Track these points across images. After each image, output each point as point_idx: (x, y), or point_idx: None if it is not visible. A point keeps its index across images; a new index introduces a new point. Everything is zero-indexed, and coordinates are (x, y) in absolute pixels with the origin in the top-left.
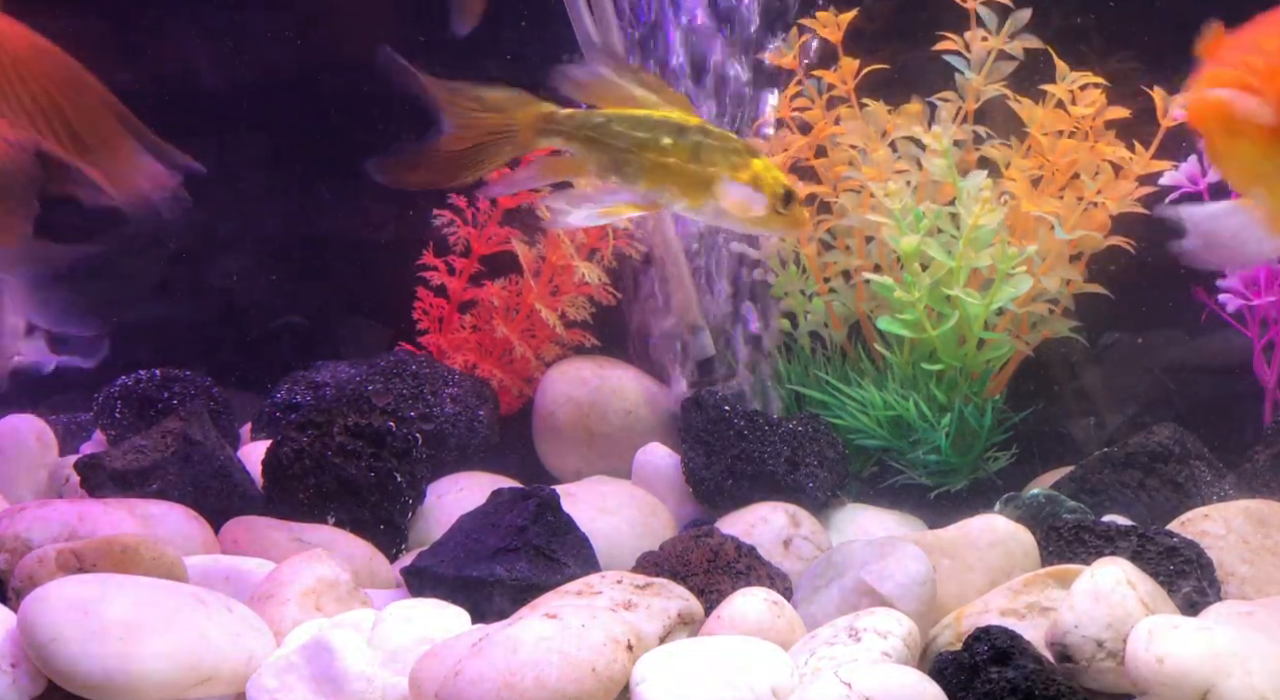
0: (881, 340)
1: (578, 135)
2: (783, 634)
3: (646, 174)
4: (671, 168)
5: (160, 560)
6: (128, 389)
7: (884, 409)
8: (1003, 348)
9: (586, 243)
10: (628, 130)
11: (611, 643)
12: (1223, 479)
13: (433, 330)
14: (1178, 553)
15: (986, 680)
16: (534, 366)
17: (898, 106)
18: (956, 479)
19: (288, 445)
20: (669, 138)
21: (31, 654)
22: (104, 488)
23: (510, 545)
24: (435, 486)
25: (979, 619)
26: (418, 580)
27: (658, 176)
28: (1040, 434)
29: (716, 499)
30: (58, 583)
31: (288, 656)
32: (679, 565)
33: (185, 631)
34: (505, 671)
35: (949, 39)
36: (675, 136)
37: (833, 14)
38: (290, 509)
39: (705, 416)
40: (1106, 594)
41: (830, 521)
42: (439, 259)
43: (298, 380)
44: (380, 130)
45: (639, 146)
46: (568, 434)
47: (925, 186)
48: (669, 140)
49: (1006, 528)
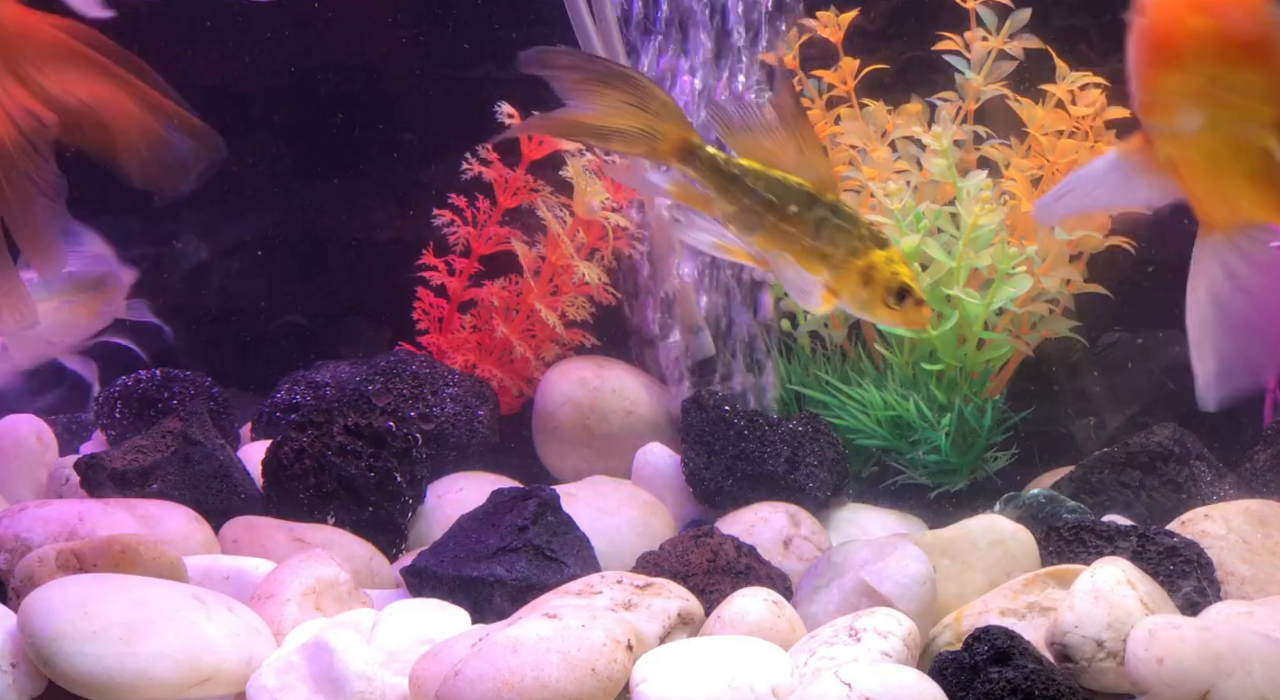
0: (881, 340)
1: (713, 177)
2: (783, 634)
3: (765, 234)
4: (790, 236)
5: (160, 560)
6: (128, 389)
7: (884, 409)
8: (1003, 348)
9: (586, 243)
10: (760, 188)
11: (611, 643)
12: (1223, 479)
13: (433, 330)
14: (1178, 553)
15: (986, 680)
16: (534, 366)
17: (898, 106)
18: (956, 479)
19: (288, 445)
20: (796, 207)
21: (31, 654)
22: (104, 488)
23: (510, 545)
24: (435, 486)
25: (979, 619)
26: (418, 580)
27: (775, 240)
28: (1040, 434)
29: (716, 499)
30: (58, 583)
31: (288, 656)
32: (679, 565)
33: (185, 631)
34: (505, 671)
35: (949, 39)
36: (803, 208)
37: (833, 14)
38: (290, 509)
39: (705, 416)
40: (1106, 594)
41: (830, 521)
42: (439, 259)
43: (298, 380)
44: (380, 130)
45: (765, 207)
46: (568, 434)
47: (925, 186)
48: (795, 209)
49: (1006, 528)
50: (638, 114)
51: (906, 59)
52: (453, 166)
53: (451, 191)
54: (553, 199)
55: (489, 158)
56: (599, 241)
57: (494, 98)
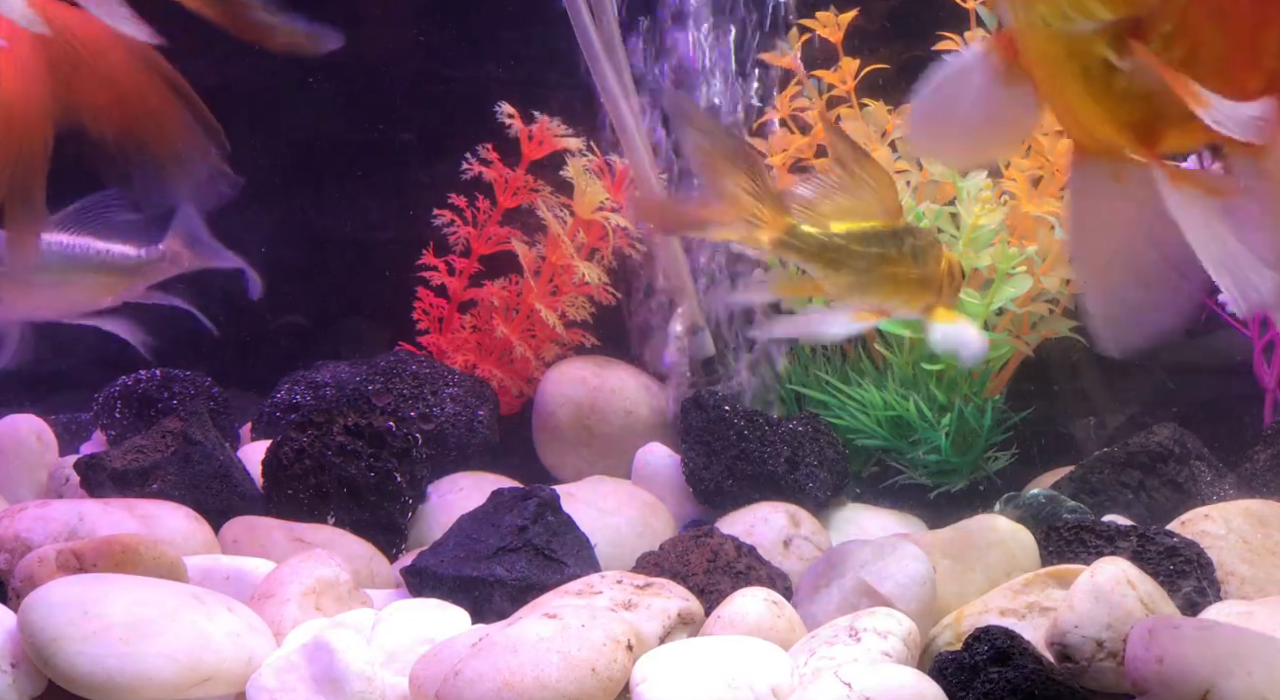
0: (881, 340)
1: (819, 256)
2: (783, 634)
3: (883, 287)
4: (900, 278)
5: (160, 560)
6: (128, 389)
7: (884, 409)
8: (1003, 348)
9: (586, 243)
10: (863, 247)
11: (611, 643)
12: (1223, 479)
13: (433, 330)
14: (1178, 553)
15: (986, 680)
16: (534, 366)
17: (898, 106)
18: (956, 479)
19: (288, 445)
20: (894, 248)
21: (31, 654)
22: (104, 488)
23: (510, 545)
24: (435, 486)
25: (979, 619)
26: (418, 580)
27: (888, 289)
28: (1040, 434)
29: (716, 499)
30: (58, 583)
31: (288, 656)
32: (679, 565)
33: (185, 631)
34: (505, 671)
35: (949, 39)
36: (898, 244)
37: (833, 14)
38: (290, 509)
39: (705, 416)
40: (1106, 594)
41: (830, 521)
42: (439, 259)
43: (298, 380)
44: (379, 130)
45: (877, 262)
46: (568, 434)
47: (925, 186)
48: (894, 250)
49: (1006, 528)
50: (748, 200)
51: (906, 59)
52: (453, 166)
53: (451, 191)
54: (553, 199)
55: (489, 158)
56: (599, 241)
57: (494, 98)
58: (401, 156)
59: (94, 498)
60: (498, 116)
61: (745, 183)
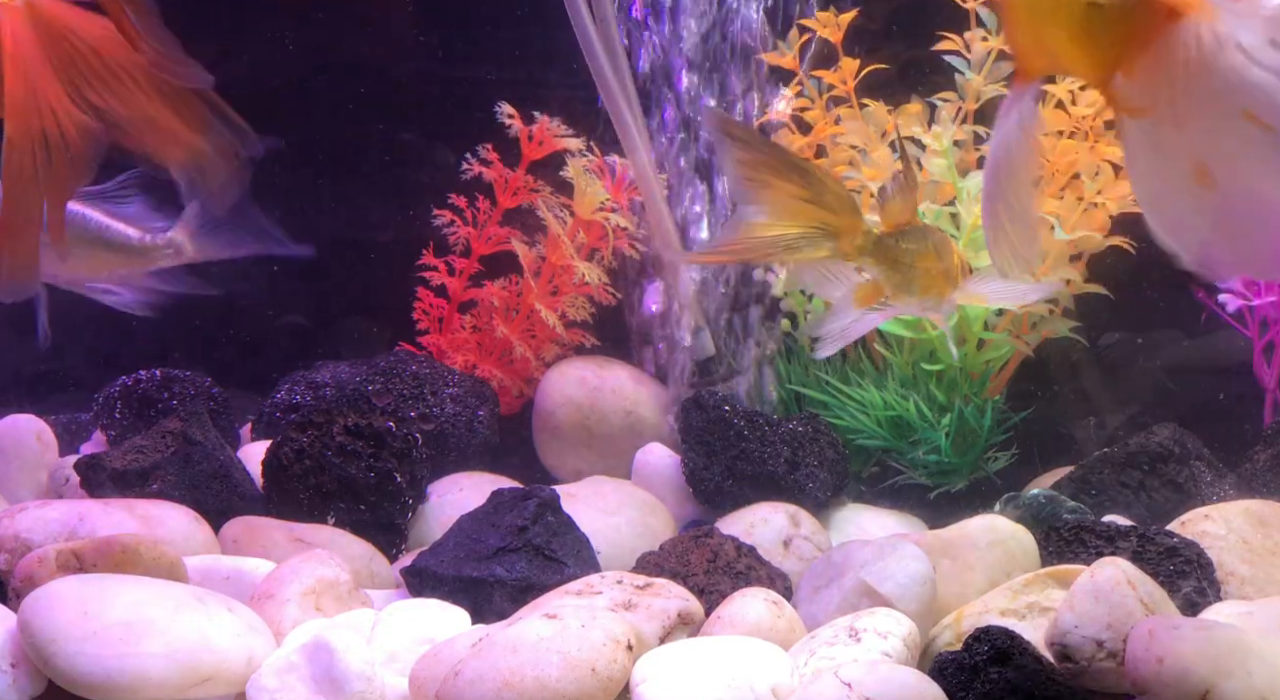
0: (881, 340)
1: (886, 258)
2: (783, 634)
3: (926, 283)
4: (934, 271)
5: (160, 560)
6: (128, 389)
7: (884, 409)
8: (1003, 348)
9: (587, 243)
10: (911, 245)
11: (611, 643)
12: (1223, 479)
13: (433, 330)
14: (1178, 553)
15: (986, 680)
16: (534, 366)
17: (898, 106)
18: (956, 479)
19: (288, 445)
20: (925, 244)
21: (31, 654)
22: (104, 488)
23: (510, 545)
24: (435, 486)
25: (979, 619)
26: (418, 580)
27: (930, 283)
28: (1040, 434)
29: (716, 499)
30: (58, 583)
31: (288, 656)
32: (679, 565)
33: (185, 631)
34: (505, 671)
35: (949, 39)
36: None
37: (833, 14)
38: (290, 509)
39: (705, 416)
40: (1106, 594)
41: (830, 521)
42: (439, 259)
43: (298, 380)
44: (379, 130)
45: (921, 258)
46: (568, 434)
47: (925, 187)
48: (925, 246)
49: (1006, 528)
50: (812, 210)
51: (906, 59)
52: (453, 166)
53: (451, 191)
54: (553, 199)
55: (489, 158)
56: (599, 242)
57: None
58: (401, 156)
59: (94, 498)
60: (498, 116)
61: (800, 192)
